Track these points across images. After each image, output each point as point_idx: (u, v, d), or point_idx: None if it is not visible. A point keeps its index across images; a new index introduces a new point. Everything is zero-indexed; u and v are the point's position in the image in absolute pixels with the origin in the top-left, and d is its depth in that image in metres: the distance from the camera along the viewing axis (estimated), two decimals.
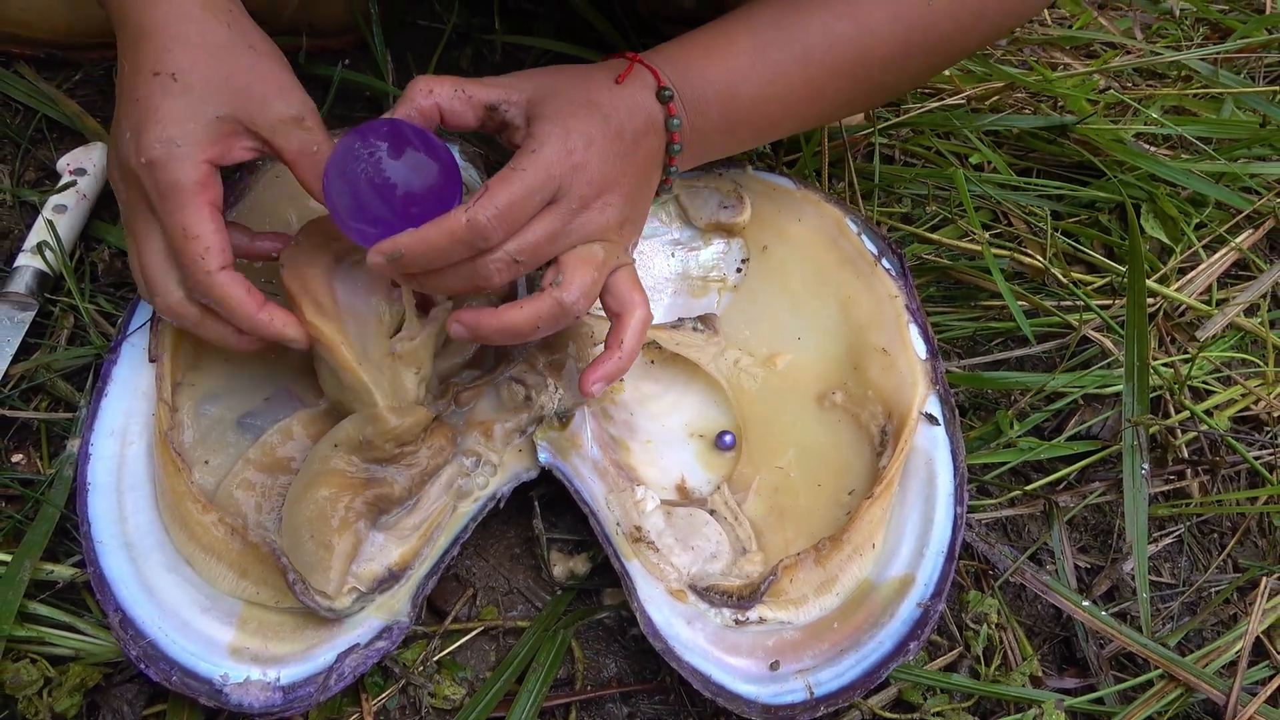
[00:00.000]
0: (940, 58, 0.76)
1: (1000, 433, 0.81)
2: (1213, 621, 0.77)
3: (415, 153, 0.60)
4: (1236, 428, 0.86)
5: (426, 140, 0.61)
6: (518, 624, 0.70)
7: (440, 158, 0.61)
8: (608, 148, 0.63)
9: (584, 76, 0.66)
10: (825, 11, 0.70)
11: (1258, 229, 0.99)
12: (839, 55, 0.70)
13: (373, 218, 0.60)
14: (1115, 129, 1.04)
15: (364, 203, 0.60)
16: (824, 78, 0.71)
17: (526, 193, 0.59)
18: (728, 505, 0.72)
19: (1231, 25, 1.25)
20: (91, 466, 0.67)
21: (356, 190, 0.60)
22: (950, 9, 0.70)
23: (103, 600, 0.62)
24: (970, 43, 0.75)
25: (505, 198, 0.59)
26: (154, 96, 0.60)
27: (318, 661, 0.62)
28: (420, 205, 0.60)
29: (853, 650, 0.66)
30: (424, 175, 0.60)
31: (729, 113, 0.69)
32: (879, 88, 0.75)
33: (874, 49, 0.70)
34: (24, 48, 0.91)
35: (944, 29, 0.71)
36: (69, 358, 0.75)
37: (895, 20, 0.70)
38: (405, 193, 0.59)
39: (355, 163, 0.59)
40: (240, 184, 0.78)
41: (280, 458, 0.69)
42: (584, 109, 0.63)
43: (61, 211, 0.79)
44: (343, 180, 0.60)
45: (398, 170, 0.59)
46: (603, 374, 0.66)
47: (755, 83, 0.69)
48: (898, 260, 0.81)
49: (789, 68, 0.70)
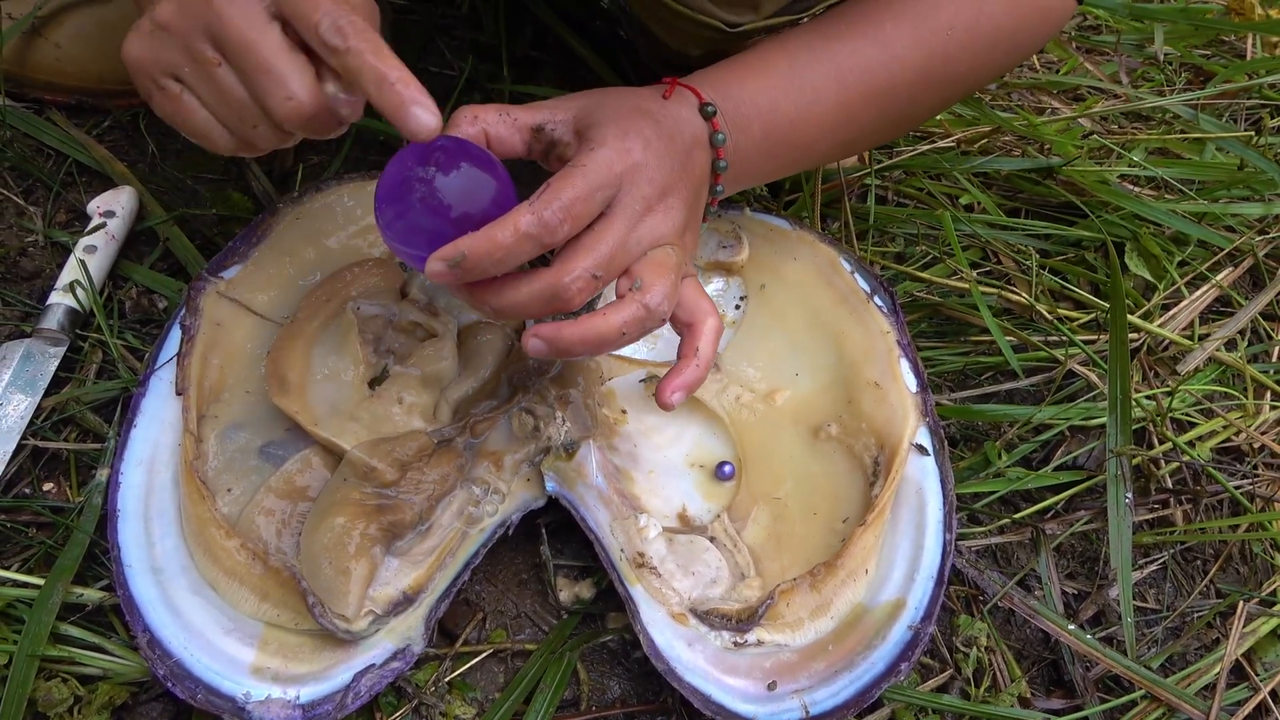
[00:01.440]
0: (954, 89, 0.79)
1: (989, 463, 0.85)
2: (1195, 645, 0.79)
3: (471, 169, 0.58)
4: (1219, 458, 0.89)
5: (481, 157, 0.59)
6: (526, 646, 0.72)
7: (496, 174, 0.59)
8: (664, 150, 0.63)
9: (630, 91, 0.67)
10: (853, 37, 0.72)
11: (1238, 266, 1.03)
12: (869, 79, 0.73)
13: (428, 239, 0.58)
14: (1100, 170, 1.08)
15: (418, 224, 0.58)
16: (855, 102, 0.73)
17: (589, 189, 0.59)
18: (727, 533, 0.75)
19: (1214, 70, 1.30)
20: (121, 494, 0.70)
21: (409, 211, 0.58)
22: (967, 40, 0.74)
23: (131, 622, 0.65)
24: (982, 75, 0.79)
25: (570, 193, 0.58)
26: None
27: (335, 681, 0.65)
28: (476, 225, 0.58)
29: (847, 671, 0.69)
30: (480, 192, 0.58)
31: (770, 130, 0.71)
32: (902, 118, 0.78)
33: (899, 75, 0.73)
34: (56, 95, 0.96)
35: (961, 60, 0.75)
36: (98, 391, 0.79)
37: (917, 46, 0.73)
38: (461, 213, 0.58)
39: (408, 182, 0.58)
40: (262, 225, 0.82)
41: (299, 486, 0.72)
42: (636, 114, 0.63)
43: (91, 252, 0.83)
44: (395, 202, 0.58)
45: (452, 189, 0.58)
46: (681, 383, 0.66)
47: (794, 100, 0.71)
48: (889, 297, 0.85)
49: (824, 87, 0.72)
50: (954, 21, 0.73)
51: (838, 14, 0.74)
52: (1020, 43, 0.78)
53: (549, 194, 0.58)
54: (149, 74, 0.60)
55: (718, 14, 0.74)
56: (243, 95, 0.58)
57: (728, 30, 0.75)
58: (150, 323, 0.84)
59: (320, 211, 0.83)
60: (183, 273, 0.87)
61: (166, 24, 0.58)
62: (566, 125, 0.64)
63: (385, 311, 0.79)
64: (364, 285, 0.79)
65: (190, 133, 0.61)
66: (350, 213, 0.84)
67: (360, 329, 0.77)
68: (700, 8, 0.74)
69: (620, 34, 1.13)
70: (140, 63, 0.60)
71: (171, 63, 0.59)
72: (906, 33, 0.73)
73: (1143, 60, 1.30)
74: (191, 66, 0.58)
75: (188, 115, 0.60)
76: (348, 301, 0.78)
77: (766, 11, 0.74)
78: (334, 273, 0.79)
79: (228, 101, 0.58)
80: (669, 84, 0.68)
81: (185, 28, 0.57)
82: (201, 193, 0.93)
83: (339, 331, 0.77)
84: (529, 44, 1.12)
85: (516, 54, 1.09)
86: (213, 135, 0.60)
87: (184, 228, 0.89)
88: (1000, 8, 0.75)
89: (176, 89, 0.59)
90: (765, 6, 0.74)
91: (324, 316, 0.77)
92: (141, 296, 0.84)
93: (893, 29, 0.73)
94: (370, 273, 0.80)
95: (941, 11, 0.73)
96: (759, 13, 0.74)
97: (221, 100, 0.58)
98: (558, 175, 0.59)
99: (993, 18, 0.75)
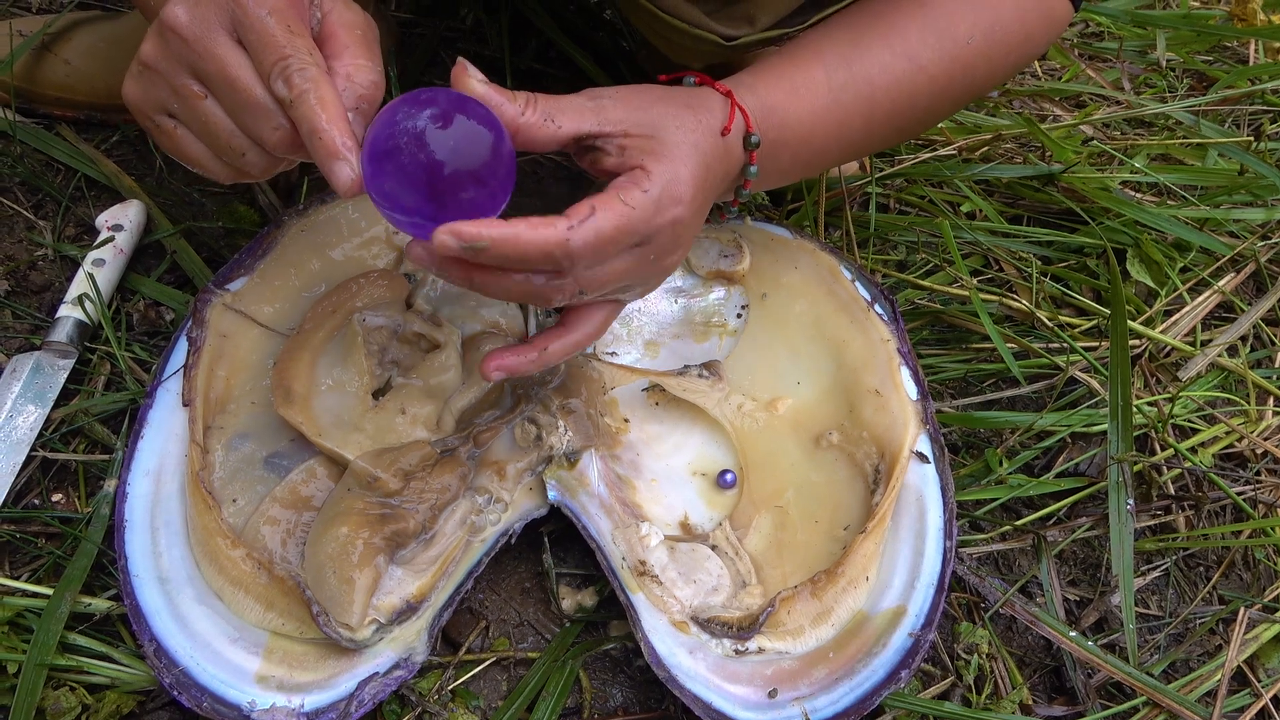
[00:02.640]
0: (968, 96, 0.79)
1: (991, 470, 0.85)
2: (1198, 652, 0.79)
3: (466, 123, 0.54)
4: (1222, 464, 0.90)
5: (475, 109, 0.55)
6: (528, 655, 0.73)
7: (493, 126, 0.55)
8: (703, 202, 0.63)
9: (684, 114, 0.63)
10: (884, 49, 0.72)
11: (1240, 272, 1.03)
12: (895, 97, 0.73)
13: (421, 199, 0.55)
14: (1101, 177, 1.08)
15: (408, 185, 0.54)
16: (879, 119, 0.74)
17: (629, 230, 0.58)
18: (729, 541, 0.76)
19: (1216, 75, 1.30)
20: (128, 505, 0.71)
21: (398, 170, 0.54)
22: (984, 49, 0.75)
23: (138, 631, 0.66)
24: (993, 82, 0.79)
25: (610, 230, 0.57)
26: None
27: (339, 689, 0.66)
28: (472, 188, 0.54)
29: (847, 678, 0.69)
30: (476, 147, 0.54)
31: (798, 157, 0.71)
32: (915, 125, 0.79)
33: (923, 88, 0.74)
34: (66, 110, 0.97)
35: (978, 68, 0.76)
36: (106, 403, 0.80)
37: (940, 59, 0.73)
38: (454, 170, 0.53)
39: (396, 138, 0.54)
40: (267, 238, 0.83)
41: (304, 496, 0.73)
42: (693, 156, 0.61)
43: (100, 265, 0.84)
44: (383, 160, 0.54)
45: (445, 144, 0.53)
46: (507, 364, 0.64)
47: (827, 127, 0.71)
48: (890, 305, 0.85)
49: (855, 110, 0.72)
50: (973, 31, 0.74)
51: (865, 21, 0.73)
52: (1028, 49, 0.79)
53: (590, 224, 0.56)
54: (145, 113, 0.61)
55: (714, 28, 0.75)
56: (229, 125, 0.58)
57: (725, 44, 0.75)
58: (158, 335, 0.85)
59: (324, 224, 0.84)
60: (189, 285, 0.88)
61: (151, 63, 0.59)
62: (615, 140, 0.60)
63: (390, 323, 0.80)
64: (369, 297, 0.80)
65: (189, 164, 0.62)
66: (354, 225, 0.85)
67: (365, 340, 0.78)
68: (697, 22, 0.75)
69: (623, 45, 1.13)
70: (135, 103, 0.61)
71: (161, 100, 0.60)
72: (931, 45, 0.73)
73: (1145, 66, 1.30)
74: (179, 102, 0.59)
75: (184, 149, 0.61)
76: (353, 313, 0.79)
77: (762, 25, 0.75)
78: (339, 284, 0.80)
79: (215, 133, 0.59)
80: (721, 94, 0.65)
81: (168, 66, 0.58)
82: (208, 206, 0.94)
83: (344, 343, 0.77)
84: (532, 57, 1.13)
85: (520, 67, 1.10)
86: (209, 166, 0.61)
87: (191, 241, 0.90)
88: (1011, 16, 0.76)
89: (170, 124, 0.60)
90: (761, 20, 0.75)
91: (329, 328, 0.78)
92: (149, 309, 0.85)
93: (918, 41, 0.73)
94: (375, 284, 0.80)
95: (961, 22, 0.74)
96: (755, 26, 0.75)
97: (209, 132, 0.59)
98: (604, 204, 0.57)
99: (1006, 26, 0.76)
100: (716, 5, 0.76)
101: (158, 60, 0.58)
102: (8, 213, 0.92)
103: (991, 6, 0.75)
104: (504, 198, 0.57)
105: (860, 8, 0.75)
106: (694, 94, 0.65)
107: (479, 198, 0.55)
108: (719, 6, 0.76)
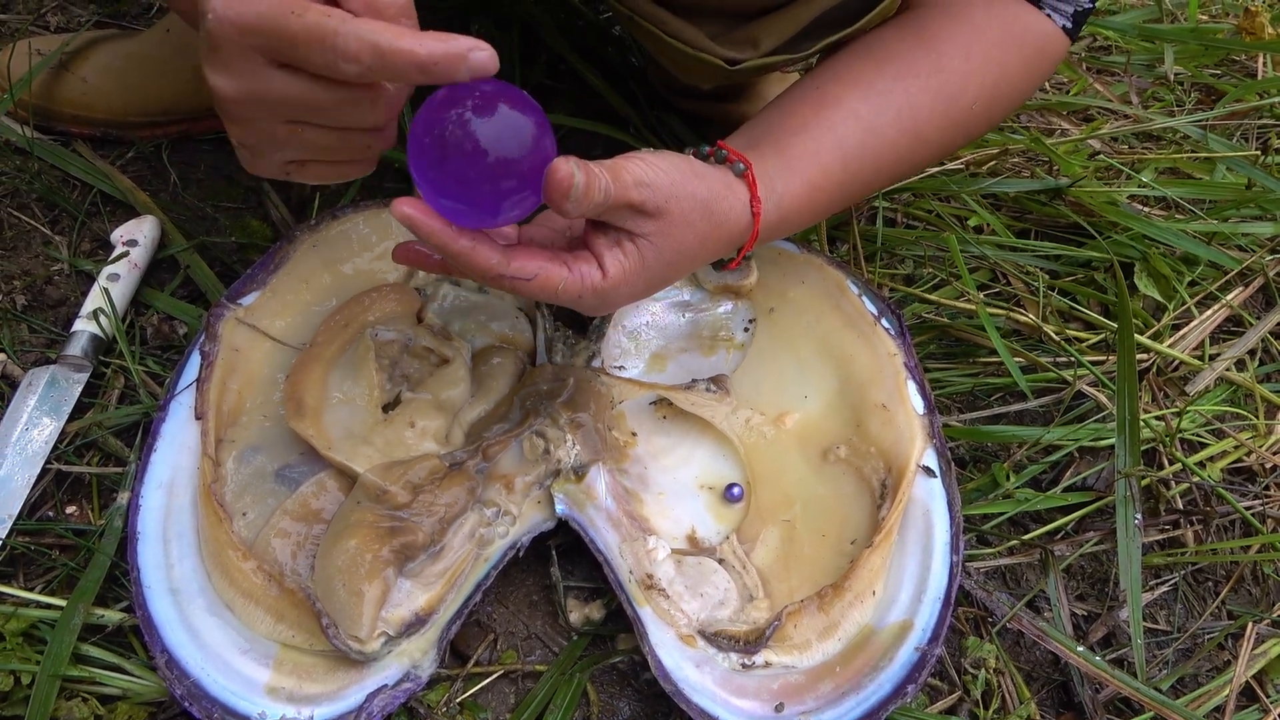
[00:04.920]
0: (963, 144, 0.82)
1: (998, 484, 0.85)
2: (1206, 667, 0.79)
3: (509, 111, 0.55)
4: (1230, 479, 0.89)
5: (518, 97, 0.56)
6: (536, 668, 0.73)
7: (534, 115, 0.56)
8: (689, 262, 0.66)
9: (706, 179, 0.65)
10: (897, 132, 0.74)
11: (1248, 286, 1.03)
12: (896, 171, 0.77)
13: (461, 188, 0.55)
14: (1109, 191, 1.08)
15: (454, 171, 0.55)
16: (880, 182, 0.78)
17: (625, 284, 0.63)
18: (736, 554, 0.76)
19: (1224, 89, 1.30)
20: (141, 517, 0.72)
21: (446, 159, 0.55)
22: (986, 109, 0.77)
23: (150, 642, 0.67)
24: (991, 127, 0.82)
25: (609, 281, 0.62)
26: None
27: (348, 701, 0.66)
28: (515, 176, 0.55)
29: (854, 693, 0.70)
30: (521, 135, 0.55)
31: (794, 225, 0.74)
32: (907, 176, 0.82)
33: (921, 156, 0.77)
34: (83, 127, 0.99)
35: (978, 127, 0.79)
36: (120, 416, 0.80)
37: (944, 129, 0.76)
38: (498, 158, 0.54)
39: (443, 127, 0.54)
40: (279, 252, 0.83)
41: (314, 509, 0.74)
42: (702, 228, 0.65)
43: (115, 280, 0.86)
44: (429, 150, 0.55)
45: (489, 132, 0.54)
46: None
47: (831, 201, 0.74)
48: (896, 320, 0.85)
49: (857, 189, 0.75)
50: (979, 94, 0.76)
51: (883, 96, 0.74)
52: (1026, 93, 0.81)
53: (594, 278, 0.62)
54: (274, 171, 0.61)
55: (718, 51, 0.76)
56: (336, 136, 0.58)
57: (728, 67, 0.76)
58: (171, 349, 0.86)
59: (336, 238, 0.85)
60: (203, 299, 0.89)
61: (241, 139, 0.59)
62: None
63: (402, 337, 0.81)
64: (381, 311, 0.81)
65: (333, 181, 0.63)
66: (366, 239, 0.86)
67: (377, 354, 0.79)
68: (701, 45, 0.76)
69: (632, 60, 1.14)
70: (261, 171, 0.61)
71: (278, 156, 0.59)
72: (939, 116, 0.75)
73: (1153, 80, 1.31)
74: (288, 148, 0.58)
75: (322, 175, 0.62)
76: (365, 327, 0.79)
77: (766, 49, 0.75)
78: (351, 298, 0.81)
79: (332, 146, 0.59)
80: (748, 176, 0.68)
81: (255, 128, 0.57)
82: (221, 221, 0.95)
83: (356, 356, 0.78)
84: (542, 73, 1.14)
85: (530, 83, 1.11)
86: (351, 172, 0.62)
87: (204, 255, 0.91)
88: (1015, 71, 0.77)
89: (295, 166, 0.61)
90: (765, 44, 0.75)
91: (341, 342, 0.79)
92: (163, 323, 0.86)
93: (927, 117, 0.75)
94: (387, 298, 0.81)
95: (970, 87, 0.75)
96: (758, 50, 0.76)
97: (327, 149, 0.59)
98: (614, 259, 0.62)
99: (1009, 81, 0.77)
100: (720, 29, 0.76)
101: (245, 135, 0.58)
102: (25, 228, 0.93)
103: (998, 63, 0.76)
104: None
105: (878, 70, 0.75)
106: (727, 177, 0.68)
107: (520, 186, 0.56)
108: (722, 30, 0.76)
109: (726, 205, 0.66)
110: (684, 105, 1.09)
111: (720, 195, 0.66)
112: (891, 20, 0.77)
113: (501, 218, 0.58)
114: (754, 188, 0.68)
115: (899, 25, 0.77)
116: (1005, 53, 0.76)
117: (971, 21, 0.75)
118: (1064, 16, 0.77)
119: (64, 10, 1.15)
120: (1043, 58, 0.78)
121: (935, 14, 0.76)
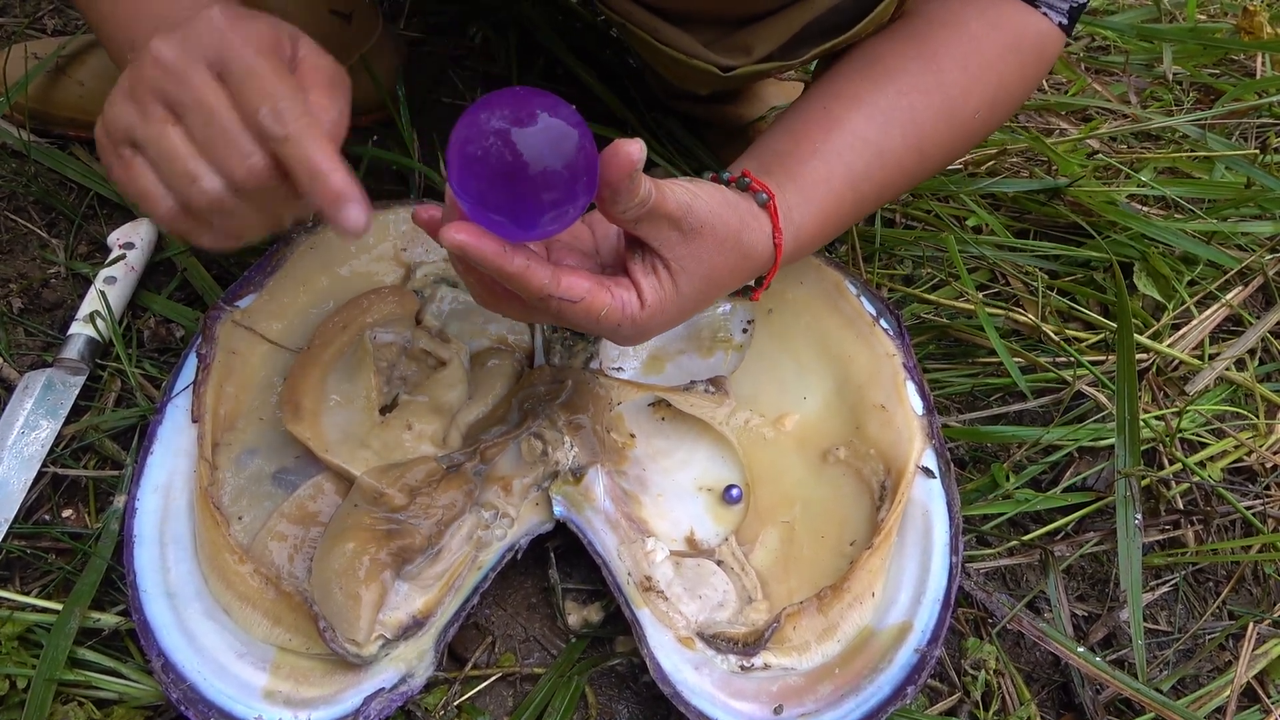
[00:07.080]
0: (964, 153, 0.83)
1: (998, 484, 0.85)
2: (1207, 668, 0.79)
3: (551, 120, 0.53)
4: (1230, 479, 0.89)
5: (559, 107, 0.54)
6: (534, 670, 0.73)
7: (577, 124, 0.54)
8: (717, 290, 0.65)
9: (735, 207, 0.64)
10: (904, 151, 0.74)
11: (1247, 285, 1.03)
12: (899, 187, 0.77)
13: (507, 200, 0.54)
14: (1108, 191, 1.08)
15: (495, 183, 0.53)
16: (882, 202, 0.78)
17: (669, 310, 0.62)
18: (735, 556, 0.76)
19: (1223, 88, 1.30)
20: (137, 520, 0.71)
21: (487, 169, 0.53)
22: (987, 117, 0.77)
23: (146, 646, 0.66)
24: (990, 133, 0.82)
25: (646, 310, 0.61)
26: None
27: (345, 705, 0.66)
28: (557, 187, 0.54)
29: (853, 695, 0.69)
30: (564, 145, 0.53)
31: (802, 255, 0.74)
32: (906, 191, 0.82)
33: (922, 170, 0.77)
34: (79, 130, 0.99)
35: (977, 134, 0.78)
36: (116, 419, 0.80)
37: (946, 142, 0.76)
38: (542, 169, 0.52)
39: (485, 139, 0.52)
40: (276, 255, 0.83)
41: (311, 511, 0.74)
42: (732, 258, 0.64)
43: (111, 283, 0.85)
44: (472, 161, 0.53)
45: (532, 144, 0.52)
46: None
47: (836, 227, 0.74)
48: (895, 320, 0.85)
49: (868, 204, 0.75)
50: (980, 105, 0.76)
51: (886, 114, 0.73)
52: (1024, 96, 0.81)
53: (629, 304, 0.60)
54: (108, 145, 0.58)
55: (711, 58, 0.75)
56: (188, 151, 0.56)
57: (722, 74, 0.76)
58: (168, 351, 0.86)
59: (334, 241, 0.85)
60: (199, 302, 0.89)
61: (123, 94, 0.57)
62: None
63: (400, 339, 0.80)
64: (379, 313, 0.81)
65: (135, 197, 0.58)
66: (362, 242, 0.86)
67: (375, 356, 0.78)
68: (694, 52, 0.76)
69: (630, 62, 1.14)
70: (102, 134, 0.59)
71: (128, 128, 0.57)
72: (942, 132, 0.75)
73: (1151, 80, 1.30)
74: (143, 128, 0.56)
75: (136, 178, 0.57)
76: (363, 330, 0.79)
77: (759, 55, 0.75)
78: (349, 300, 0.81)
79: (172, 158, 0.56)
80: (770, 206, 0.67)
81: (140, 93, 0.56)
82: None
83: (353, 359, 0.78)
84: (540, 75, 1.13)
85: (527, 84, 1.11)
86: (154, 196, 0.57)
87: (201, 258, 0.91)
88: (1014, 76, 0.77)
89: (129, 154, 0.58)
90: (758, 50, 0.75)
91: (339, 344, 0.79)
92: (159, 326, 0.86)
93: (931, 135, 0.74)
94: (386, 300, 0.81)
95: (971, 99, 0.75)
96: (751, 56, 0.75)
97: (165, 157, 0.56)
98: (651, 287, 0.61)
99: (1009, 87, 0.77)
100: (713, 36, 0.76)
101: (131, 90, 0.57)
102: (22, 231, 0.93)
103: (996, 71, 0.75)
104: (587, 198, 0.57)
105: (880, 88, 0.74)
106: (752, 206, 0.66)
107: (563, 197, 0.55)
108: (716, 37, 0.76)
109: (753, 236, 0.66)
110: (681, 108, 1.09)
111: (749, 226, 0.65)
112: (887, 30, 0.77)
113: (538, 231, 0.56)
114: (776, 218, 0.67)
115: (897, 38, 0.76)
116: (1003, 60, 0.76)
117: (968, 30, 0.75)
118: (1059, 14, 0.76)
119: (60, 13, 1.16)
120: (1040, 58, 0.78)
121: (932, 25, 0.76)
